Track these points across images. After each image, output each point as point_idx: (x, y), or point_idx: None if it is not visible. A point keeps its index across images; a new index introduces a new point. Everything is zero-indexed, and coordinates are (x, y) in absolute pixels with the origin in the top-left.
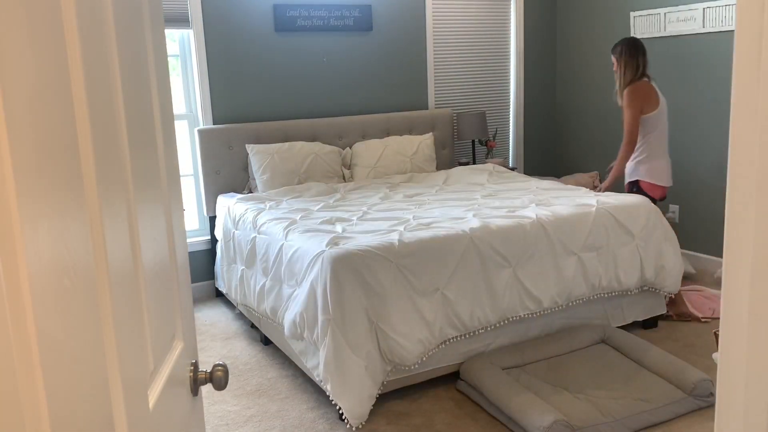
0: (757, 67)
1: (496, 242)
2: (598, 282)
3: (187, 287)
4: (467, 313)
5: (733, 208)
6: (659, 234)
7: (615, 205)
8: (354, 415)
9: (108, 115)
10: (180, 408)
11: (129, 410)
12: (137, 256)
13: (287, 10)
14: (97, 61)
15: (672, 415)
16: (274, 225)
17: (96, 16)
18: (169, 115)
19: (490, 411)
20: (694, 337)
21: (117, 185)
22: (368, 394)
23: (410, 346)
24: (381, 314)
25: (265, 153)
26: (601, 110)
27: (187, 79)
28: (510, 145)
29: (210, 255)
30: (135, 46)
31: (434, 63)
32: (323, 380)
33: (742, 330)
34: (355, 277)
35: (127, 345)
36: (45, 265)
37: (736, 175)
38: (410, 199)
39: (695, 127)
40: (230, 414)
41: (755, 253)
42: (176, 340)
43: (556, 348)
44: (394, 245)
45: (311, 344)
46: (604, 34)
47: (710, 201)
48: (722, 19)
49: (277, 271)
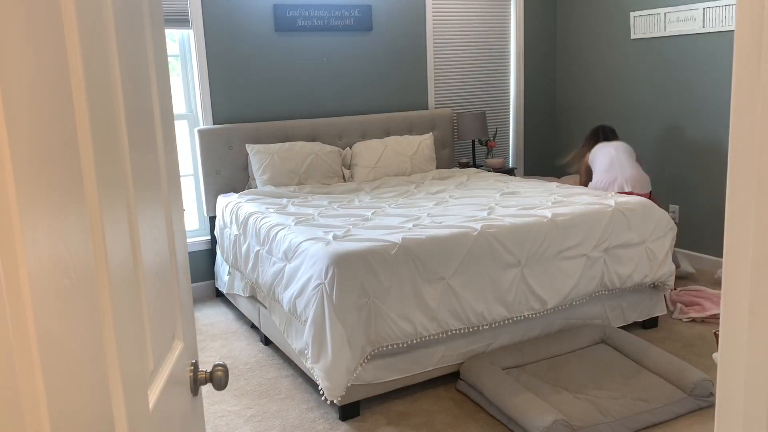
0: (757, 67)
1: (505, 239)
2: (602, 281)
3: (187, 287)
4: (470, 305)
5: (733, 208)
6: (666, 234)
7: (628, 206)
8: (330, 385)
9: (108, 115)
10: (180, 408)
11: (129, 410)
12: (137, 256)
13: (287, 10)
14: (97, 61)
15: (672, 415)
16: (286, 218)
17: (96, 16)
18: (169, 115)
19: (490, 411)
20: (694, 337)
21: (117, 185)
22: (346, 367)
23: (404, 326)
24: (378, 290)
25: (265, 153)
26: (601, 110)
27: (187, 79)
28: (510, 145)
29: (210, 255)
30: (135, 46)
31: (434, 63)
32: (305, 346)
33: (742, 330)
34: (359, 258)
35: (127, 345)
36: (45, 265)
37: (736, 175)
38: (433, 196)
39: (695, 127)
40: (230, 414)
41: (755, 253)
42: (176, 340)
43: (556, 348)
44: (405, 236)
45: (302, 323)
46: (604, 34)
47: (710, 201)
48: (722, 19)
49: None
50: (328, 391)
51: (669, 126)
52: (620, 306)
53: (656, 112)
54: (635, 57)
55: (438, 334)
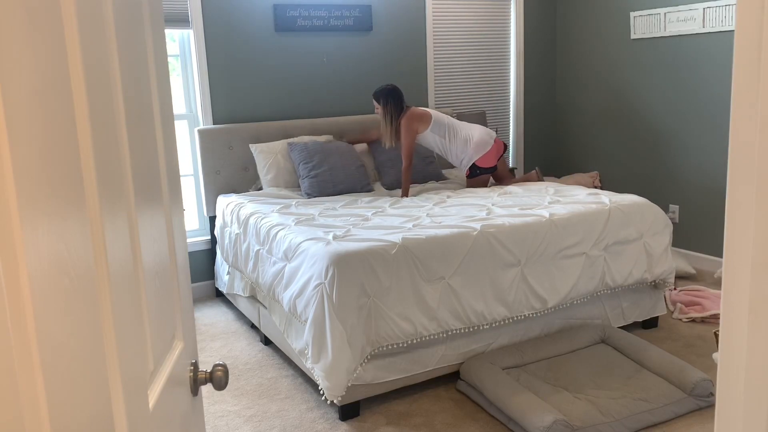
0: (757, 67)
1: (504, 238)
2: (602, 279)
3: (187, 287)
4: (470, 305)
5: (733, 208)
6: (663, 230)
7: (624, 204)
8: (330, 385)
9: (108, 114)
10: (180, 408)
11: (129, 410)
12: (137, 255)
13: (287, 10)
14: (97, 61)
15: (672, 415)
16: (288, 218)
17: (96, 15)
18: (169, 115)
19: (490, 411)
20: (694, 337)
21: (117, 185)
22: (346, 367)
23: (404, 325)
24: (379, 290)
25: (268, 152)
26: (601, 110)
27: (187, 79)
28: (510, 145)
29: (210, 255)
30: (135, 46)
31: (434, 63)
32: (305, 346)
33: (742, 330)
34: (359, 258)
35: (127, 345)
36: (45, 265)
37: (736, 175)
38: (432, 196)
39: (695, 127)
40: (230, 414)
41: (755, 253)
42: (176, 340)
43: (556, 348)
44: (405, 236)
45: (302, 322)
46: (604, 34)
47: (710, 201)
48: (722, 19)
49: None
50: (328, 391)
51: (669, 126)
52: (620, 306)
53: (656, 112)
54: (635, 57)
55: (438, 333)
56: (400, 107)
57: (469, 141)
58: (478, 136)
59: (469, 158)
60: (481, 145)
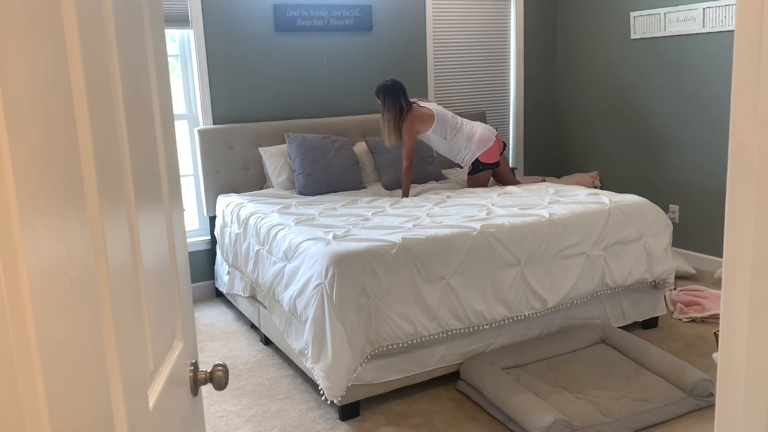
0: (757, 67)
1: (504, 238)
2: (602, 279)
3: (187, 287)
4: (470, 305)
5: (733, 208)
6: (663, 230)
7: (624, 204)
8: (330, 385)
9: (108, 115)
10: (180, 408)
11: (129, 410)
12: (137, 256)
13: (287, 10)
14: (97, 61)
15: (672, 415)
16: (287, 218)
17: (96, 16)
18: (169, 115)
19: (490, 411)
20: (694, 337)
21: (117, 185)
22: (346, 367)
23: (404, 325)
24: (379, 290)
25: (278, 155)
26: (601, 110)
27: (187, 79)
28: (510, 145)
29: (210, 255)
30: (135, 46)
31: (434, 63)
32: (305, 346)
33: (742, 330)
34: (359, 258)
35: (127, 345)
36: (45, 265)
37: (736, 175)
38: (432, 196)
39: (695, 127)
40: (230, 414)
41: (755, 253)
42: (176, 340)
43: (556, 348)
44: (405, 236)
45: (302, 322)
46: (604, 34)
47: (710, 201)
48: (722, 19)
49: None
50: (328, 391)
51: (669, 126)
52: (620, 306)
53: (656, 112)
54: (635, 57)
55: (438, 333)
56: (399, 104)
57: (472, 137)
58: (480, 132)
59: (472, 154)
60: (483, 141)
